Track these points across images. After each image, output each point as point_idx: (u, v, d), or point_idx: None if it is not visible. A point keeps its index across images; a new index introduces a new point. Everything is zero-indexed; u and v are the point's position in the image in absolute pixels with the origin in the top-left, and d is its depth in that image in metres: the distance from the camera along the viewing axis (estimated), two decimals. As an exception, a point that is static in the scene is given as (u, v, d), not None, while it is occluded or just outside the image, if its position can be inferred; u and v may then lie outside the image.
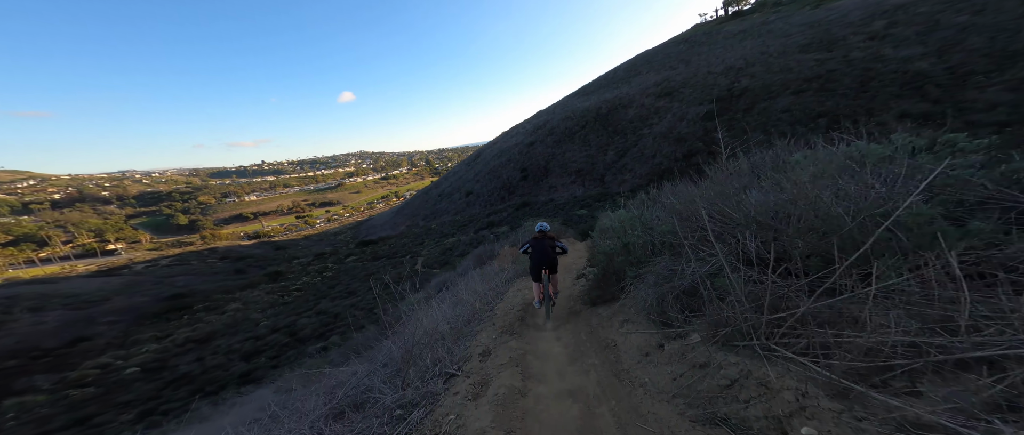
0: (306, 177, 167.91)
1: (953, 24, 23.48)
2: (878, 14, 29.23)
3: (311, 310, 18.76)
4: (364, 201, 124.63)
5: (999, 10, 21.96)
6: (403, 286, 5.36)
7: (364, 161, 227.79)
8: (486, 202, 41.91)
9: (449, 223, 37.90)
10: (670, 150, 28.38)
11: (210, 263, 46.11)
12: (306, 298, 22.84)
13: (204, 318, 21.82)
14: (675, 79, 37.81)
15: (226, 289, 30.19)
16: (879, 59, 24.52)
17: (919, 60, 22.38)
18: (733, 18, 51.87)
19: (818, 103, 23.41)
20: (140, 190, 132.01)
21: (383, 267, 24.97)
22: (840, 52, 27.44)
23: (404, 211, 64.57)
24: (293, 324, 16.58)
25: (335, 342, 10.29)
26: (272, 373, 9.93)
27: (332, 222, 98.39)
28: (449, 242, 26.01)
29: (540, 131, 48.81)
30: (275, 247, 58.26)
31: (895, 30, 26.46)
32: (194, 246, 70.43)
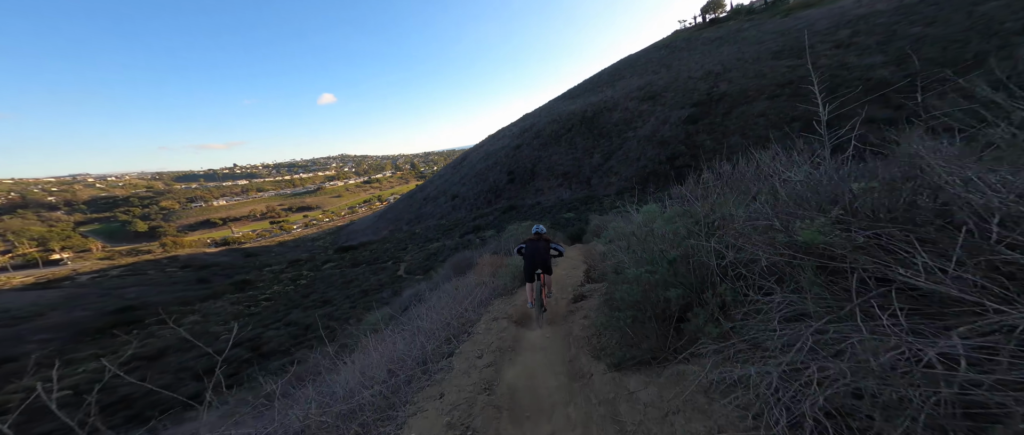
0: (282, 181, 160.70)
1: (909, 34, 25.27)
2: (842, 24, 31.13)
3: (280, 321, 17.56)
4: (345, 205, 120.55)
5: (948, 22, 23.82)
6: (382, 293, 4.92)
7: (346, 164, 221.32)
8: (472, 206, 41.30)
9: (434, 227, 36.98)
10: (654, 153, 28.89)
11: (169, 272, 42.84)
12: (276, 308, 21.43)
13: (157, 333, 19.94)
14: (657, 83, 38.76)
15: (185, 300, 27.96)
16: (844, 67, 26.01)
17: (881, 68, 23.87)
18: (710, 25, 54.06)
19: (791, 108, 24.46)
20: (93, 195, 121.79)
21: (363, 274, 23.88)
22: (809, 59, 28.92)
23: (387, 215, 62.79)
24: (258, 337, 15.38)
25: (301, 357, 9.40)
26: (221, 396, 8.88)
27: (310, 227, 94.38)
28: (433, 247, 25.25)
29: (527, 134, 48.86)
30: (245, 254, 55.01)
31: (858, 39, 28.20)
32: (152, 254, 65.32)
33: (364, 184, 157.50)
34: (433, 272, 14.89)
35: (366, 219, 77.15)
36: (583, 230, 15.15)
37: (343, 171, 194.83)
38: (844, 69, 25.82)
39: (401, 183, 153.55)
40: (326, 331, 10.16)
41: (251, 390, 5.20)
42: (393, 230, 47.02)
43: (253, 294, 27.92)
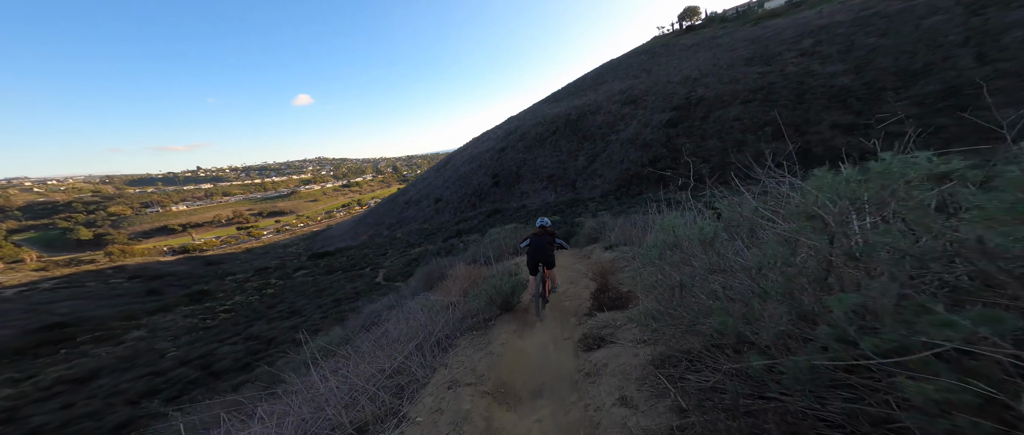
0: (252, 185, 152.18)
1: (865, 45, 27.26)
2: (806, 33, 33.21)
3: (239, 335, 16.23)
4: (322, 210, 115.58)
5: (899, 34, 25.91)
6: (358, 302, 4.32)
7: (324, 168, 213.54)
8: (456, 209, 40.57)
9: (416, 232, 35.94)
10: (637, 156, 29.47)
11: (113, 284, 39.16)
12: (236, 321, 19.89)
13: (90, 351, 17.88)
14: (638, 87, 39.77)
15: (130, 314, 25.43)
16: (809, 74, 27.67)
17: (842, 76, 25.56)
18: (687, 32, 56.37)
19: (763, 113, 25.69)
20: (29, 200, 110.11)
21: (338, 282, 22.65)
22: (777, 66, 30.62)
23: (367, 220, 60.65)
24: (211, 353, 14.07)
25: (259, 375, 8.40)
26: (151, 425, 7.66)
27: (282, 233, 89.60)
28: (415, 252, 24.40)
29: (511, 137, 48.76)
30: (206, 262, 51.29)
31: (821, 48, 30.14)
32: (96, 264, 59.48)
33: (343, 188, 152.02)
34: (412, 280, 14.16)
35: (344, 224, 74.23)
36: (571, 233, 14.88)
37: (320, 175, 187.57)
38: (809, 76, 27.46)
39: (383, 187, 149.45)
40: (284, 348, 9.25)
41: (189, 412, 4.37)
42: (373, 235, 45.38)
43: (211, 306, 25.88)
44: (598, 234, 8.22)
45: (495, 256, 7.95)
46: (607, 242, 6.97)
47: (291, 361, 5.53)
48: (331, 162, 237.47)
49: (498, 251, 8.71)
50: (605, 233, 7.83)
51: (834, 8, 35.77)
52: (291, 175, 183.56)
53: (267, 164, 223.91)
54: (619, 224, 7.77)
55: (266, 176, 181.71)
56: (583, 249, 7.51)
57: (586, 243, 8.21)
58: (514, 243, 8.75)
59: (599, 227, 8.68)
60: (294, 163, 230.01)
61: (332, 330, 6.86)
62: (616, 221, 8.47)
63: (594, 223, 9.37)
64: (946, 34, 22.79)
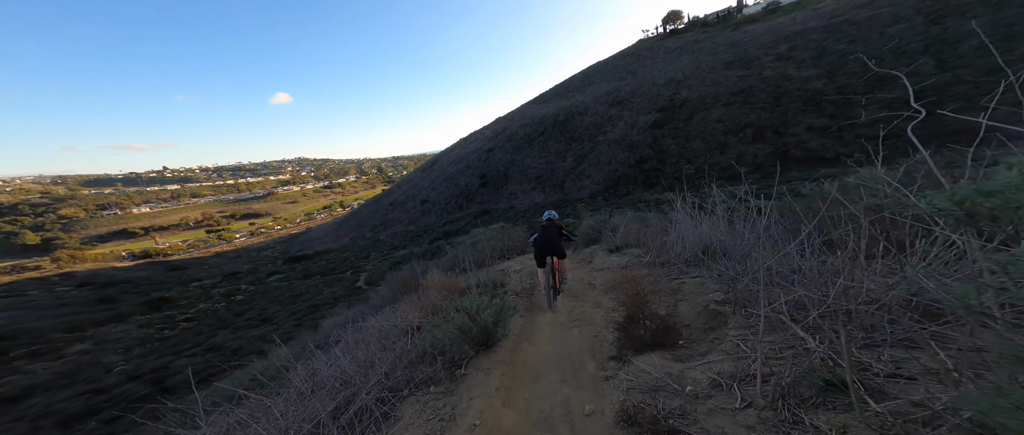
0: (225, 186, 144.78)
1: (836, 50, 28.66)
2: (782, 38, 34.65)
3: (200, 346, 15.09)
4: (301, 212, 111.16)
5: (866, 41, 27.39)
6: (336, 308, 3.73)
7: (304, 168, 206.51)
8: (443, 210, 39.82)
9: (401, 234, 34.96)
10: (624, 157, 29.77)
11: (59, 292, 36.01)
12: (198, 330, 18.58)
13: (24, 368, 16.14)
14: (624, 89, 40.33)
15: (74, 325, 23.26)
16: (785, 78, 28.82)
17: (815, 80, 26.74)
18: (671, 36, 57.83)
19: (744, 115, 26.50)
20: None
21: (316, 286, 21.55)
22: (756, 70, 31.75)
23: (349, 222, 58.71)
24: (165, 367, 12.96)
25: (213, 392, 7.44)
26: None
27: (257, 236, 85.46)
28: (400, 254, 23.58)
29: (499, 137, 48.43)
30: (169, 267, 48.07)
31: (795, 53, 31.48)
32: (42, 271, 54.54)
33: (324, 189, 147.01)
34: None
35: (325, 226, 71.60)
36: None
37: (300, 175, 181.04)
38: (785, 80, 28.60)
39: (367, 188, 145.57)
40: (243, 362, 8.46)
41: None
42: (355, 237, 43.89)
43: (171, 314, 24.09)
44: (598, 233, 7.00)
45: (477, 261, 6.88)
46: (611, 243, 5.88)
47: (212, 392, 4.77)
48: (312, 163, 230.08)
49: (480, 255, 7.42)
50: (605, 232, 6.77)
51: (807, 15, 37.53)
52: (268, 176, 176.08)
53: (242, 164, 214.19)
54: (625, 221, 6.78)
55: (240, 177, 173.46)
56: (581, 251, 6.52)
57: (585, 244, 7.02)
58: (501, 245, 7.91)
59: (598, 226, 7.44)
60: (272, 163, 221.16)
61: (273, 353, 5.64)
62: (620, 217, 7.41)
63: (593, 221, 7.98)
64: (909, 42, 24.25)
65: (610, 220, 7.66)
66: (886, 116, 12.27)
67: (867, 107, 21.52)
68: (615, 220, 7.47)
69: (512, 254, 7.63)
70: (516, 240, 8.42)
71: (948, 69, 20.18)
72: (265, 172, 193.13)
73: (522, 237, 8.71)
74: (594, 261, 5.44)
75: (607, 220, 7.74)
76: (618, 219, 7.40)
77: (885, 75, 23.06)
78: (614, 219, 7.65)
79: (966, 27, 22.06)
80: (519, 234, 9.28)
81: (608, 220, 7.72)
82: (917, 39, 24.00)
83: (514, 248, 7.90)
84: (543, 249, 3.92)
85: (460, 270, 6.05)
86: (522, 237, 8.71)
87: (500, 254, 7.63)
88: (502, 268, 6.01)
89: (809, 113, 24.10)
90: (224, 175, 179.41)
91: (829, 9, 35.90)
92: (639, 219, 7.02)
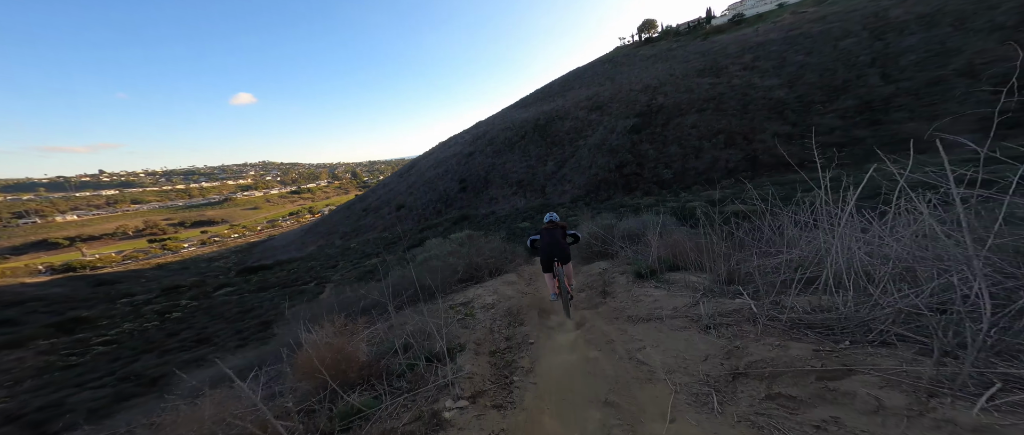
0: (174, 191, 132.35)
1: (795, 61, 30.84)
2: (747, 49, 36.91)
3: (114, 375, 13.01)
4: (264, 218, 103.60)
5: (821, 53, 29.69)
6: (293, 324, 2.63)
7: (269, 172, 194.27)
8: (420, 216, 38.41)
9: (374, 241, 33.17)
10: (604, 161, 30.11)
11: None
12: (116, 355, 16.19)
13: None
14: (603, 95, 41.17)
15: None
16: (751, 86, 30.56)
17: (778, 89, 28.53)
18: (646, 44, 60.19)
19: (716, 121, 27.69)
20: None
21: (272, 300, 19.56)
22: (725, 78, 33.49)
23: (318, 229, 55.32)
24: (59, 403, 10.82)
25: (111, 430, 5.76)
26: None
27: (210, 245, 78.41)
28: (371, 263, 22.12)
29: (479, 141, 47.78)
30: (96, 282, 42.47)
31: (759, 63, 33.57)
32: None
33: (291, 195, 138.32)
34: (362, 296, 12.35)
35: (290, 234, 67.08)
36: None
37: (264, 180, 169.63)
38: (751, 88, 30.33)
39: (340, 194, 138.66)
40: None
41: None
42: (323, 245, 41.23)
43: (86, 337, 20.95)
44: (605, 245, 5.15)
45: (420, 290, 4.43)
46: (639, 263, 3.91)
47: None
48: (278, 167, 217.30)
49: (433, 279, 5.03)
50: (617, 243, 4.94)
51: (768, 27, 40.35)
52: (226, 180, 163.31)
53: (196, 168, 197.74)
54: (658, 227, 4.51)
55: (194, 181, 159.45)
56: (583, 270, 5.01)
57: (585, 259, 5.34)
58: (466, 262, 6.07)
59: (604, 233, 5.51)
60: (231, 167, 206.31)
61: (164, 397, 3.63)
62: (630, 222, 5.45)
63: (594, 226, 6.27)
64: (858, 55, 26.53)
65: (619, 224, 5.97)
66: (841, 125, 13.21)
67: (825, 116, 23.16)
68: (626, 225, 5.78)
69: (483, 274, 5.71)
70: (489, 254, 6.36)
71: (892, 82, 22.17)
72: (223, 176, 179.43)
73: (499, 249, 6.79)
74: (614, 293, 3.51)
75: (616, 225, 6.05)
76: (630, 224, 5.68)
77: (838, 86, 24.96)
78: (624, 223, 5.99)
79: (905, 42, 24.46)
80: (495, 245, 7.12)
81: (617, 224, 6.04)
82: (864, 53, 26.30)
83: (486, 266, 5.91)
84: (550, 254, 3.66)
85: (375, 314, 3.89)
86: (499, 249, 6.79)
87: (467, 274, 5.74)
88: (464, 300, 4.11)
89: (774, 121, 25.58)
90: (174, 179, 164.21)
91: (787, 23, 38.80)
92: (675, 227, 5.14)
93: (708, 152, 24.98)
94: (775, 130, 24.36)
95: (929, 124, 17.28)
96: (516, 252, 8.08)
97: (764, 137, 24.33)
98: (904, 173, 1.70)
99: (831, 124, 21.98)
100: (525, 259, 8.08)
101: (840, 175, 7.13)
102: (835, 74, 26.15)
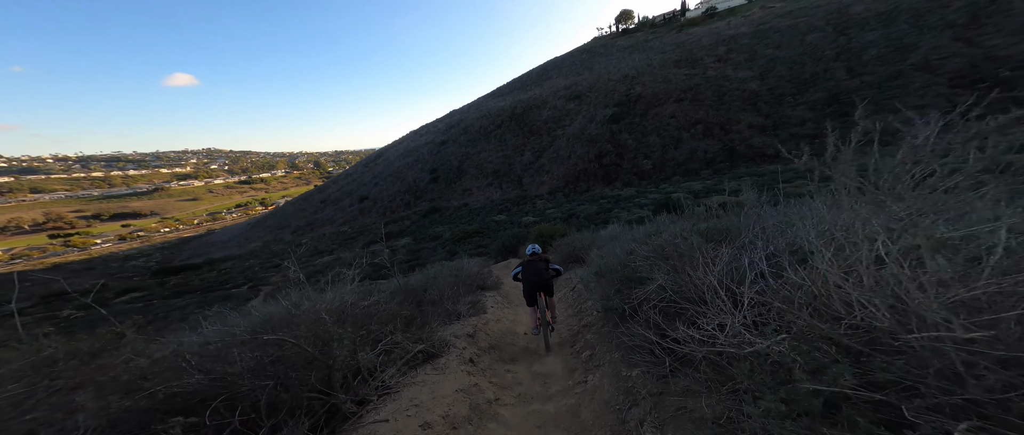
0: (89, 179, 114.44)
1: (765, 55, 31.58)
2: (720, 42, 37.47)
3: None
4: (204, 211, 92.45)
5: (789, 46, 30.58)
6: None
7: (215, 161, 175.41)
8: (386, 208, 35.35)
9: (330, 236, 29.81)
10: (583, 151, 29.06)
11: None
12: None
13: None
14: (582, 84, 40.10)
15: None
16: (726, 78, 30.89)
17: (751, 81, 28.99)
18: (623, 34, 60.02)
19: (694, 111, 27.57)
20: None
21: (186, 307, 16.13)
22: (700, 70, 33.68)
23: (267, 222, 49.84)
24: None
25: None
26: None
27: (131, 241, 68.13)
28: (322, 261, 19.29)
29: (453, 130, 45.12)
30: None
31: (732, 56, 34.11)
32: None
33: (241, 184, 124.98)
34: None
35: (234, 228, 60.10)
36: (520, 237, 12.21)
37: (208, 169, 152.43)
38: (726, 80, 30.67)
39: (301, 184, 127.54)
40: None
41: None
42: (270, 241, 36.82)
43: None
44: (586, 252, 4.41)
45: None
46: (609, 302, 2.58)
47: None
48: (227, 154, 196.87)
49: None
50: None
51: (739, 21, 41.33)
52: (160, 168, 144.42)
53: (122, 155, 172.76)
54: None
55: (119, 168, 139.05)
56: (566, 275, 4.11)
57: (569, 262, 4.55)
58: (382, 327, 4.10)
59: (585, 248, 4.59)
60: (168, 154, 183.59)
61: None
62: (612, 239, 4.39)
63: (574, 240, 5.48)
64: (824, 49, 27.49)
65: (600, 233, 5.00)
66: (812, 117, 11.92)
67: (796, 107, 23.62)
68: (608, 232, 4.81)
69: (421, 356, 2.78)
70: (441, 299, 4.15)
71: (857, 75, 23.00)
72: (157, 164, 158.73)
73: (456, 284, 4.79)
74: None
75: (596, 236, 5.06)
76: (612, 230, 4.70)
77: (807, 79, 25.61)
78: (606, 233, 4.99)
79: (866, 38, 25.58)
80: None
81: (598, 234, 5.08)
82: (830, 47, 27.30)
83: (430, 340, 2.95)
84: (533, 286, 3.69)
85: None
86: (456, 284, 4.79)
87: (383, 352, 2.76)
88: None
89: (748, 112, 25.85)
90: (93, 166, 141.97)
91: (756, 17, 39.90)
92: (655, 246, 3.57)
93: (687, 142, 24.71)
94: (750, 121, 24.57)
95: (892, 116, 17.93)
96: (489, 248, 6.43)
97: (740, 128, 24.47)
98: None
99: (802, 116, 22.43)
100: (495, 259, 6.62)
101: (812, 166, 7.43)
102: (803, 67, 26.92)
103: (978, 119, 1.17)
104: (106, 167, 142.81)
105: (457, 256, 12.55)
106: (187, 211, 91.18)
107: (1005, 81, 15.44)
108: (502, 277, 5.96)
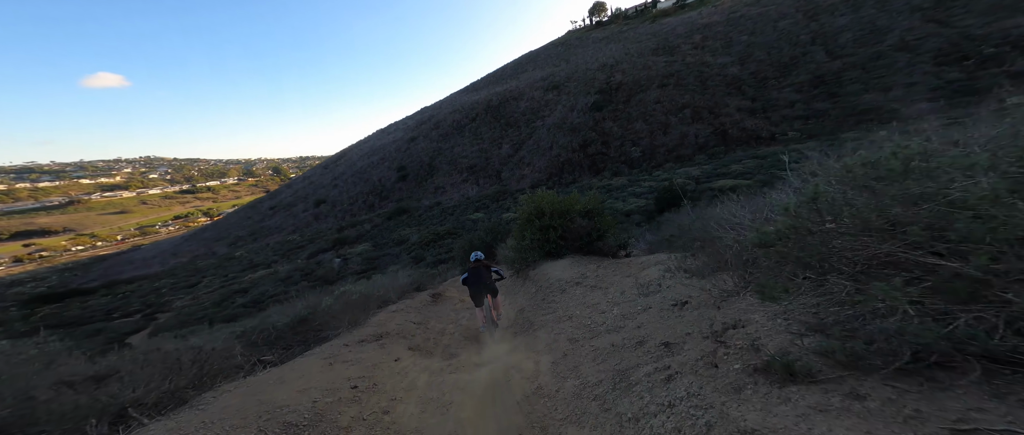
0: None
1: (741, 41, 31.35)
2: (694, 30, 37.17)
3: None
4: (133, 225, 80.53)
5: (763, 33, 30.51)
6: None
7: (154, 169, 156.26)
8: (346, 212, 31.25)
9: (274, 246, 25.39)
10: (566, 140, 26.96)
11: None
12: None
13: None
14: (560, 74, 38.24)
15: None
16: (705, 64, 30.22)
17: (731, 66, 28.43)
18: (597, 27, 59.29)
19: (679, 96, 26.39)
20: None
21: (47, 344, 11.85)
22: (679, 56, 32.93)
23: (203, 235, 43.39)
24: None
25: None
26: None
27: (31, 262, 57.44)
28: (254, 276, 15.43)
29: (424, 125, 41.61)
30: None
31: (709, 43, 33.73)
32: None
33: (184, 194, 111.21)
34: (238, 321, 7.11)
35: (164, 242, 52.18)
36: (499, 233, 9.68)
37: (147, 179, 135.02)
38: (705, 66, 29.99)
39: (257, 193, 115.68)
40: None
41: None
42: (199, 255, 31.29)
43: None
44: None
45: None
46: None
47: None
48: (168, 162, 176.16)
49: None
50: None
51: (710, 10, 41.49)
52: (81, 179, 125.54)
53: (35, 165, 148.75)
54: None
55: (28, 181, 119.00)
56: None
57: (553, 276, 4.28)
58: None
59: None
60: (94, 164, 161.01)
61: None
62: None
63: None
64: (798, 34, 27.43)
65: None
66: (801, 99, 8.86)
67: (782, 90, 22.97)
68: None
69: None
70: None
71: (837, 58, 22.76)
72: (79, 175, 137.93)
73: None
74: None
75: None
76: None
77: (787, 62, 25.17)
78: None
79: (838, 22, 25.69)
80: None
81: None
82: (804, 32, 27.28)
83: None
84: (479, 289, 4.15)
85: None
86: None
87: None
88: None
89: (734, 96, 25.03)
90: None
91: (726, 6, 40.17)
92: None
93: (676, 127, 23.33)
94: (738, 105, 23.66)
95: (885, 94, 17.42)
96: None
97: (729, 111, 23.48)
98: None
99: (790, 98, 21.76)
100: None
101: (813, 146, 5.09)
102: (781, 51, 26.66)
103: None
104: (15, 179, 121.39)
105: (423, 263, 9.85)
106: (111, 226, 78.68)
107: (992, 57, 15.19)
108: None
